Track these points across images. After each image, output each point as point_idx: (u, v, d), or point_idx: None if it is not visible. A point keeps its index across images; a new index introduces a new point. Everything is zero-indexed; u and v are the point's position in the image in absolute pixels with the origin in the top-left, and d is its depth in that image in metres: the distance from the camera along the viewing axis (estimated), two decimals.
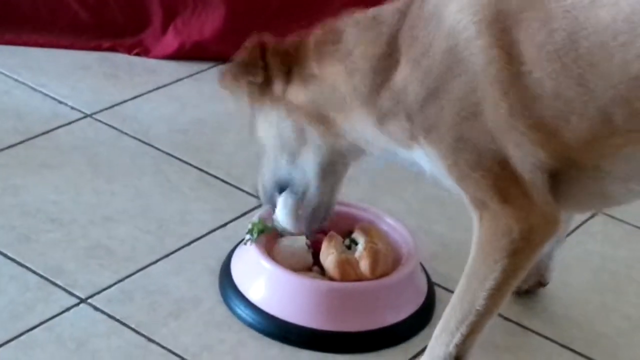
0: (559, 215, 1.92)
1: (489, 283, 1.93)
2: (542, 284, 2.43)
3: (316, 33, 2.09)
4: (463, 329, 1.98)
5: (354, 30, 2.02)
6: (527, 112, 1.82)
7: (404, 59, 1.93)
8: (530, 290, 2.44)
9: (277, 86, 2.09)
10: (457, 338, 1.99)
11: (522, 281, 2.37)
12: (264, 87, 2.11)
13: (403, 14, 1.95)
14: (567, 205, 1.95)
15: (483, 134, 1.85)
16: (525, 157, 1.85)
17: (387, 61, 1.95)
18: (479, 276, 1.94)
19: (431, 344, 2.05)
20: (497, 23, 1.81)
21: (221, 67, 2.12)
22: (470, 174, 1.89)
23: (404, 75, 1.93)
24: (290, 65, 2.08)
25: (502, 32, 1.80)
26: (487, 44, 1.81)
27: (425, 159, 1.97)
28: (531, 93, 1.80)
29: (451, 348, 2.00)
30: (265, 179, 2.25)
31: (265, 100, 2.13)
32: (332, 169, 2.18)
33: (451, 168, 1.92)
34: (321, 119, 2.08)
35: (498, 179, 1.87)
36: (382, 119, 2.00)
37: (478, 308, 1.95)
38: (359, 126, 2.04)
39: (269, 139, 2.19)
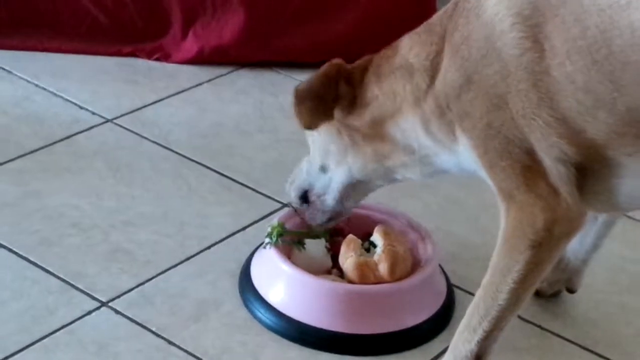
0: (584, 210, 1.94)
1: (512, 276, 1.95)
2: (570, 290, 2.43)
3: (376, 56, 2.17)
4: (485, 325, 1.99)
5: (409, 39, 2.09)
6: (554, 105, 1.85)
7: (446, 51, 2.00)
8: (556, 294, 2.44)
9: (338, 112, 2.16)
10: (479, 334, 2.00)
11: (548, 285, 2.40)
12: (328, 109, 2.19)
13: (452, 11, 2.01)
14: (592, 204, 1.96)
15: (510, 122, 1.90)
16: (551, 149, 1.88)
17: (437, 57, 2.02)
18: (502, 269, 1.96)
19: (454, 342, 2.06)
20: (533, 17, 1.86)
21: (297, 86, 2.17)
22: (499, 163, 1.94)
23: (444, 66, 2.00)
24: (355, 92, 2.15)
25: (537, 26, 1.85)
26: (521, 36, 1.86)
27: (465, 153, 2.01)
28: (561, 86, 1.84)
29: (473, 345, 2.01)
30: (298, 177, 2.33)
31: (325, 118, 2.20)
32: (354, 190, 2.27)
33: (482, 157, 1.96)
34: (374, 137, 2.14)
35: (525, 169, 1.91)
36: (428, 117, 2.04)
37: (500, 302, 1.97)
38: (411, 131, 2.09)
39: (314, 143, 2.27)
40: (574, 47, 1.82)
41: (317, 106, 2.14)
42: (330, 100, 2.14)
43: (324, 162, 2.25)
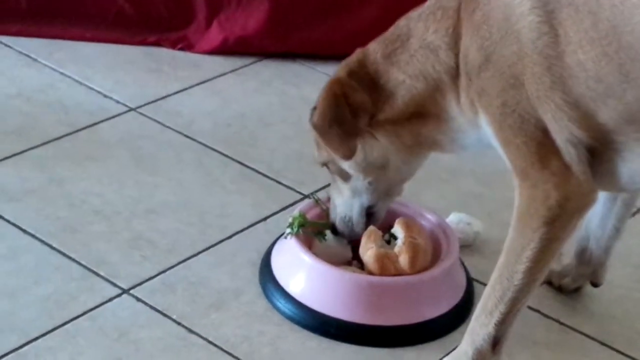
0: (595, 186, 1.97)
1: (527, 254, 1.97)
2: (594, 284, 2.43)
3: (374, 50, 2.16)
4: (502, 307, 2.01)
5: (419, 21, 2.10)
6: (567, 89, 1.90)
7: (465, 27, 2.03)
8: (578, 289, 2.44)
9: (363, 120, 2.14)
10: (496, 317, 2.02)
11: (572, 280, 2.41)
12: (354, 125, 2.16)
13: None
14: (604, 184, 2.00)
15: (526, 102, 1.95)
16: (562, 131, 1.93)
17: (455, 32, 2.05)
18: (516, 248, 1.99)
19: (470, 326, 2.08)
20: (550, 3, 1.91)
21: (311, 120, 2.16)
22: (513, 140, 1.98)
23: (465, 43, 2.03)
24: (371, 92, 2.13)
25: (553, 12, 1.90)
26: (539, 20, 1.91)
27: (484, 128, 2.04)
28: (573, 72, 1.89)
29: (491, 328, 2.04)
30: (341, 209, 2.34)
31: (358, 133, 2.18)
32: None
33: (497, 133, 2.01)
34: (409, 120, 2.14)
35: (539, 147, 1.96)
36: (459, 91, 2.07)
37: (516, 283, 1.99)
38: (446, 106, 2.09)
39: (352, 167, 2.24)
40: (586, 37, 1.86)
41: (342, 128, 2.12)
42: (349, 116, 2.11)
43: (370, 175, 2.23)
